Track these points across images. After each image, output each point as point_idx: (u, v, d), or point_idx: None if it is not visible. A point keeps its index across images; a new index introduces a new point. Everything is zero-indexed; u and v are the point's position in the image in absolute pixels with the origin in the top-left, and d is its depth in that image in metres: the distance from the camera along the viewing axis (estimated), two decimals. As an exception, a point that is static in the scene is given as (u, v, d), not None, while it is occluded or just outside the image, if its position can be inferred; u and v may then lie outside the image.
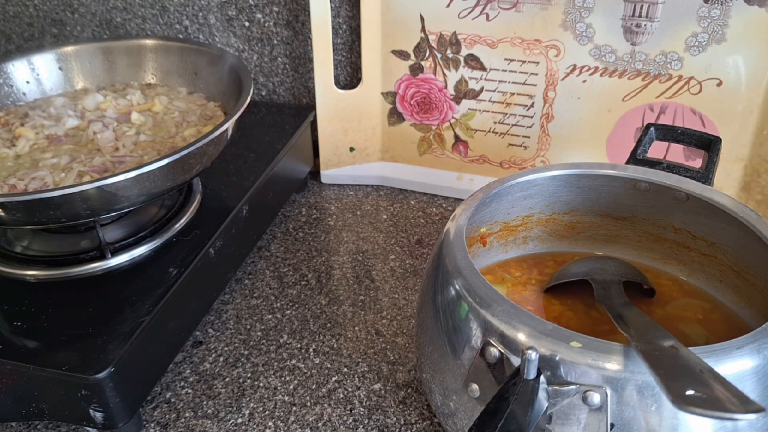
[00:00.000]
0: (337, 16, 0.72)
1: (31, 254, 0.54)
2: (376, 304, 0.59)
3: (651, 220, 0.50)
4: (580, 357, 0.33)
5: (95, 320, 0.47)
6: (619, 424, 0.33)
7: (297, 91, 0.80)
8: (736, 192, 0.64)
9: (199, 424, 0.48)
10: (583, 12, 0.61)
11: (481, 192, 0.47)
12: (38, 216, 0.46)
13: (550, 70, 0.65)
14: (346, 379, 0.52)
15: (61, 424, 0.49)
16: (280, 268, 0.64)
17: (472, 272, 0.39)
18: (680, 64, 0.60)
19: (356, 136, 0.75)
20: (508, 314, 0.36)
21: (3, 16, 0.85)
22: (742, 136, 0.61)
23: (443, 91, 0.70)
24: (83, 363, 0.43)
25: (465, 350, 0.38)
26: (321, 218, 0.72)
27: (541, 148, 0.69)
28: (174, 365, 0.53)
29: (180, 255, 0.53)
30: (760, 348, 0.34)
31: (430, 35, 0.67)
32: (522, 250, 0.54)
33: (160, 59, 0.67)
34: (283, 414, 0.49)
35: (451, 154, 0.73)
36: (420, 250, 0.66)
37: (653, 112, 0.63)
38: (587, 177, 0.49)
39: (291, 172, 0.72)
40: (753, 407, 0.27)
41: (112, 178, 0.45)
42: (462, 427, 0.40)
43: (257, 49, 0.78)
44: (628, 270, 0.49)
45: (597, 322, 0.46)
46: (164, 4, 0.78)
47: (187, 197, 0.59)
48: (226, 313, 0.59)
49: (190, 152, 0.49)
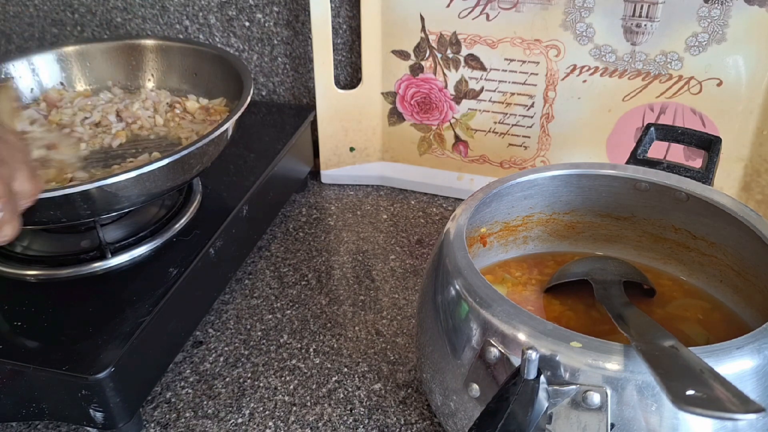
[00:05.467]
0: (337, 16, 0.72)
1: (31, 254, 0.53)
2: (376, 304, 0.59)
3: (651, 220, 0.50)
4: (581, 357, 0.33)
5: (95, 320, 0.47)
6: (620, 424, 0.33)
7: (297, 91, 0.80)
8: (736, 192, 0.64)
9: (199, 424, 0.48)
10: (583, 12, 0.61)
11: (482, 192, 0.47)
12: (38, 216, 0.46)
13: (550, 70, 0.65)
14: (346, 379, 0.52)
15: (61, 424, 0.49)
16: (281, 268, 0.64)
17: (473, 272, 0.39)
18: (680, 64, 0.60)
19: (356, 136, 0.75)
20: (508, 314, 0.36)
21: (3, 16, 0.85)
22: (742, 136, 0.61)
23: (443, 91, 0.70)
24: (83, 363, 0.43)
25: (465, 350, 0.38)
26: (321, 218, 0.72)
27: (541, 148, 0.69)
28: (174, 365, 0.53)
29: (180, 255, 0.53)
30: (760, 348, 0.34)
31: (430, 35, 0.67)
32: (522, 250, 0.54)
33: (160, 59, 0.67)
34: (283, 414, 0.49)
35: (452, 154, 0.73)
36: (420, 250, 0.66)
37: (653, 112, 0.63)
38: (587, 177, 0.49)
39: (291, 172, 0.72)
40: (753, 407, 0.27)
41: (112, 178, 0.45)
42: (462, 427, 0.40)
43: (257, 49, 0.78)
44: (628, 270, 0.49)
45: (597, 322, 0.46)
46: (164, 4, 0.78)
47: (187, 197, 0.59)
48: (227, 313, 0.59)
49: (190, 152, 0.49)
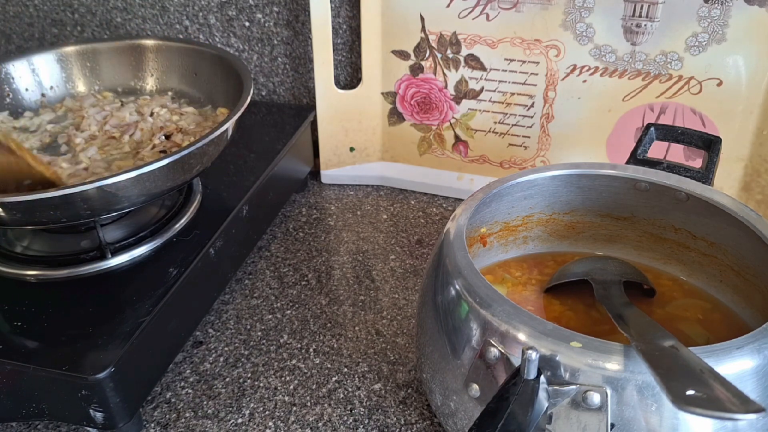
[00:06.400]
0: (337, 16, 0.72)
1: (31, 254, 0.53)
2: (376, 304, 0.59)
3: (651, 220, 0.50)
4: (581, 357, 0.33)
5: (95, 320, 0.47)
6: (620, 424, 0.33)
7: (297, 91, 0.80)
8: (736, 192, 0.64)
9: (199, 424, 0.48)
10: (583, 12, 0.61)
11: (481, 192, 0.47)
12: (38, 216, 0.46)
13: (550, 70, 0.65)
14: (346, 379, 0.52)
15: (61, 424, 0.49)
16: (280, 268, 0.64)
17: (473, 272, 0.39)
18: (680, 64, 0.60)
19: (356, 136, 0.75)
20: (508, 314, 0.36)
21: (3, 16, 0.85)
22: (742, 136, 0.61)
23: (443, 91, 0.70)
24: (83, 363, 0.43)
25: (465, 350, 0.38)
26: (321, 218, 0.72)
27: (541, 148, 0.69)
28: (174, 365, 0.53)
29: (180, 255, 0.53)
30: (760, 348, 0.34)
31: (430, 35, 0.67)
32: (522, 250, 0.54)
33: (160, 59, 0.67)
34: (283, 414, 0.49)
35: (451, 154, 0.73)
36: (420, 250, 0.66)
37: (653, 112, 0.63)
38: (587, 177, 0.49)
39: (291, 172, 0.72)
40: (753, 407, 0.27)
41: (112, 178, 0.45)
42: (462, 427, 0.40)
43: (257, 49, 0.78)
44: (628, 270, 0.49)
45: (597, 322, 0.46)
46: (164, 4, 0.78)
47: (187, 197, 0.59)
48: (226, 313, 0.59)
49: (190, 152, 0.49)
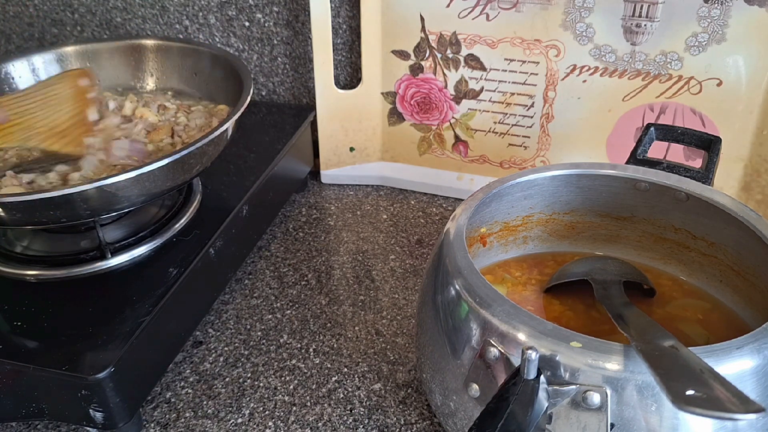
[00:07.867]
0: (337, 16, 0.72)
1: (31, 254, 0.53)
2: (376, 304, 0.59)
3: (651, 220, 0.50)
4: (580, 357, 0.33)
5: (95, 320, 0.47)
6: (620, 424, 0.33)
7: (297, 91, 0.80)
8: (736, 192, 0.64)
9: (199, 424, 0.48)
10: (583, 12, 0.61)
11: (481, 192, 0.47)
12: (38, 216, 0.46)
13: (550, 70, 0.65)
14: (346, 379, 0.52)
15: (61, 424, 0.49)
16: (280, 268, 0.64)
17: (472, 272, 0.39)
18: (680, 64, 0.60)
19: (356, 136, 0.75)
20: (508, 314, 0.36)
21: (3, 16, 0.85)
22: (742, 136, 0.61)
23: (443, 91, 0.70)
24: (83, 363, 0.43)
25: (465, 350, 0.38)
26: (321, 218, 0.72)
27: (541, 148, 0.69)
28: (174, 365, 0.53)
29: (180, 255, 0.53)
30: (760, 348, 0.34)
31: (430, 35, 0.67)
32: (522, 250, 0.54)
33: (160, 59, 0.67)
34: (283, 414, 0.49)
35: (451, 154, 0.73)
36: (420, 250, 0.66)
37: (653, 112, 0.63)
38: (587, 177, 0.49)
39: (291, 172, 0.72)
40: (753, 407, 0.27)
41: (112, 178, 0.45)
42: (462, 427, 0.40)
43: (257, 49, 0.78)
44: (628, 270, 0.49)
45: (597, 322, 0.46)
46: (164, 4, 0.78)
47: (187, 197, 0.59)
48: (226, 313, 0.59)
49: (190, 152, 0.49)
